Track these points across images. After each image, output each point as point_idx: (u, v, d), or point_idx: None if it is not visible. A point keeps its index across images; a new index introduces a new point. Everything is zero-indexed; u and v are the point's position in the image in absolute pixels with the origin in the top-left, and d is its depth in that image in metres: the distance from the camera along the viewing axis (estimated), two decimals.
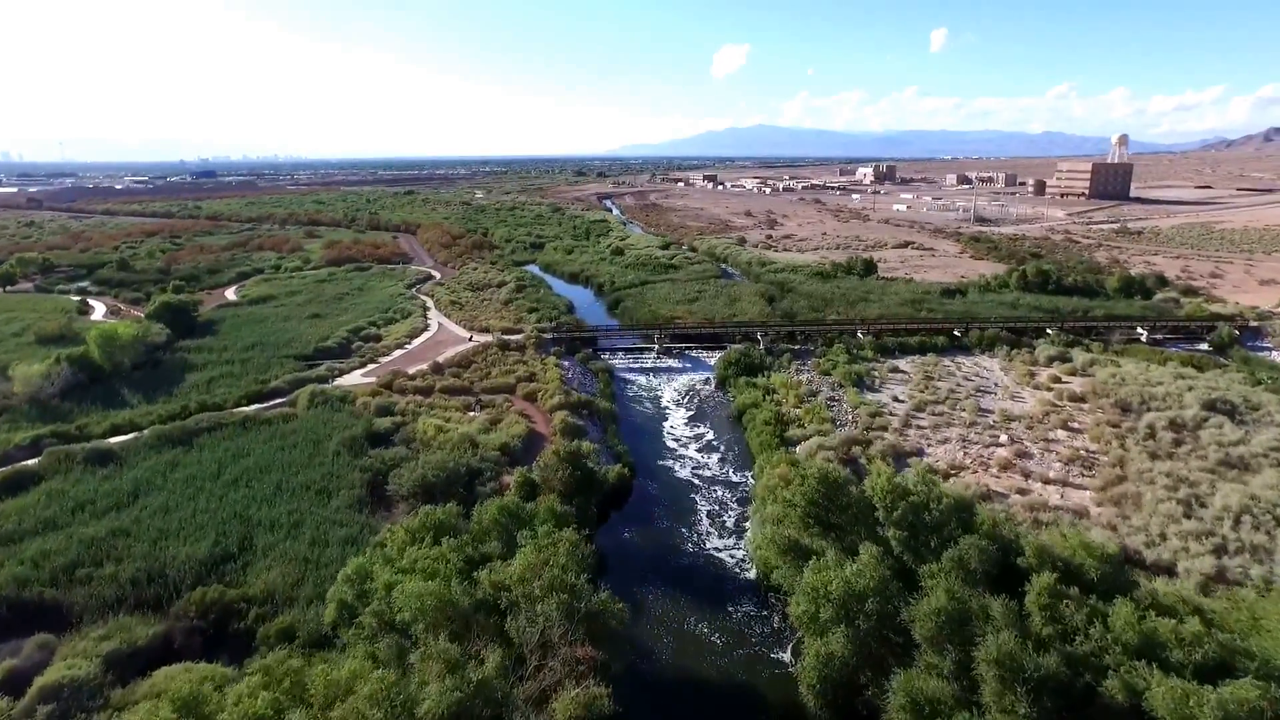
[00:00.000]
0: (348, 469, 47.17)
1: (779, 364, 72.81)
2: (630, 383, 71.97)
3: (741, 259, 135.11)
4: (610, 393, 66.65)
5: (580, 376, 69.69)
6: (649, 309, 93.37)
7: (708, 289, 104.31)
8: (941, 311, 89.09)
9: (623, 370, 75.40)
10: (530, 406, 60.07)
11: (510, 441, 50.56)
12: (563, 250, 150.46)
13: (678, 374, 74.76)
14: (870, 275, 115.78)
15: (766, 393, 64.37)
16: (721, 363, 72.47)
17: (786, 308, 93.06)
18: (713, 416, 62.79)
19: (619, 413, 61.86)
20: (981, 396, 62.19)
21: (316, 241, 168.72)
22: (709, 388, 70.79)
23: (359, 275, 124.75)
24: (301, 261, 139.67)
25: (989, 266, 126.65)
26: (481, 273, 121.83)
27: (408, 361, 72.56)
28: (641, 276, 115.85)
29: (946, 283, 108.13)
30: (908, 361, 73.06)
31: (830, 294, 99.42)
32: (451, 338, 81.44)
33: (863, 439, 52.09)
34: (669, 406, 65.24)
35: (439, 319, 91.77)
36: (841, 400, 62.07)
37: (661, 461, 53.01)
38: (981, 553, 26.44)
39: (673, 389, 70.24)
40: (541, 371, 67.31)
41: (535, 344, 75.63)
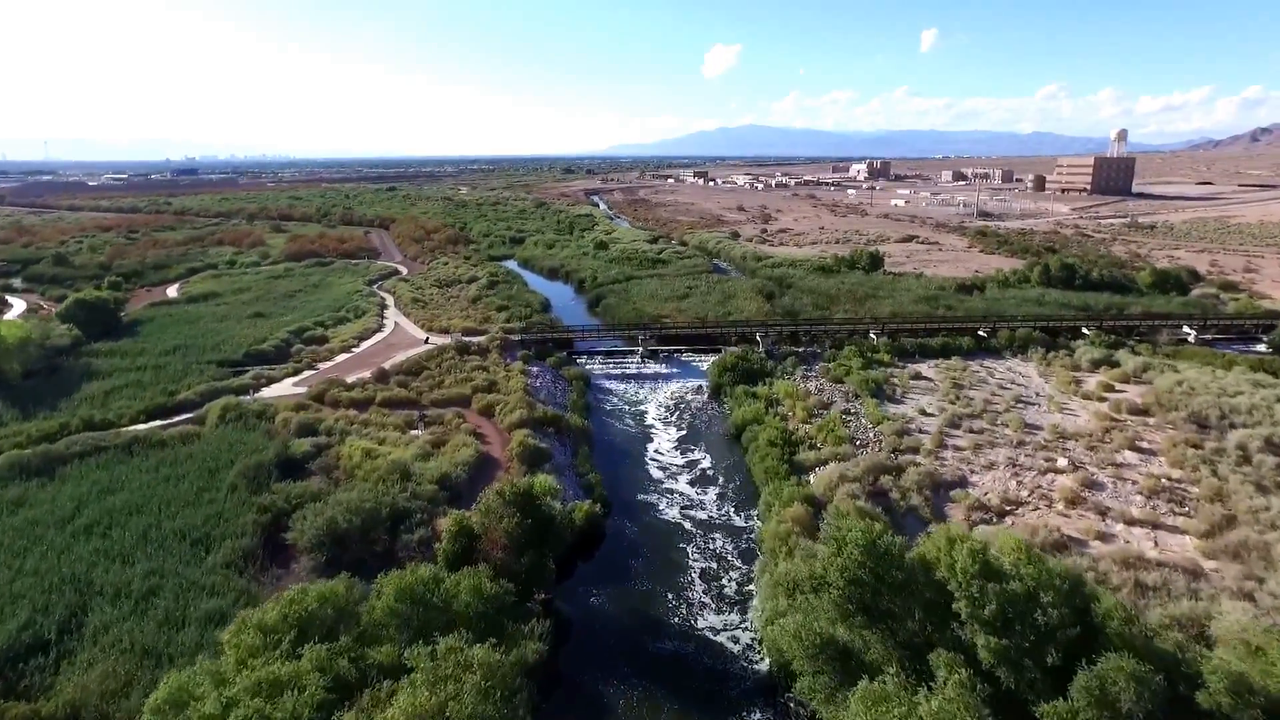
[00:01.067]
0: (242, 508, 36.91)
1: (782, 369, 62.95)
2: (610, 392, 61.91)
3: (735, 253, 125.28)
4: (584, 405, 56.54)
5: (550, 385, 59.57)
6: (633, 307, 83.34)
7: (699, 285, 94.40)
8: (961, 309, 79.53)
9: (601, 377, 65.34)
10: (486, 423, 49.94)
11: (453, 470, 40.38)
12: (543, 245, 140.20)
13: (665, 381, 64.79)
14: (877, 270, 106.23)
15: (769, 404, 54.49)
16: (716, 368, 62.57)
17: (788, 305, 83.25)
18: (706, 434, 52.79)
19: (594, 430, 51.76)
20: (1024, 409, 52.48)
21: (282, 236, 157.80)
22: (701, 397, 60.84)
23: (318, 271, 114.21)
24: (260, 257, 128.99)
25: (1002, 261, 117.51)
26: (452, 268, 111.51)
27: (351, 367, 62.28)
28: (626, 271, 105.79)
29: (961, 278, 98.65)
30: (930, 366, 63.35)
31: (835, 290, 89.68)
32: (406, 339, 71.19)
33: (891, 465, 42.18)
34: (654, 422, 55.12)
35: (397, 318, 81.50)
36: (859, 414, 52.22)
37: (644, 495, 42.90)
38: (1139, 685, 16.58)
39: (659, 399, 60.24)
40: (504, 380, 57.20)
41: (500, 347, 65.48)
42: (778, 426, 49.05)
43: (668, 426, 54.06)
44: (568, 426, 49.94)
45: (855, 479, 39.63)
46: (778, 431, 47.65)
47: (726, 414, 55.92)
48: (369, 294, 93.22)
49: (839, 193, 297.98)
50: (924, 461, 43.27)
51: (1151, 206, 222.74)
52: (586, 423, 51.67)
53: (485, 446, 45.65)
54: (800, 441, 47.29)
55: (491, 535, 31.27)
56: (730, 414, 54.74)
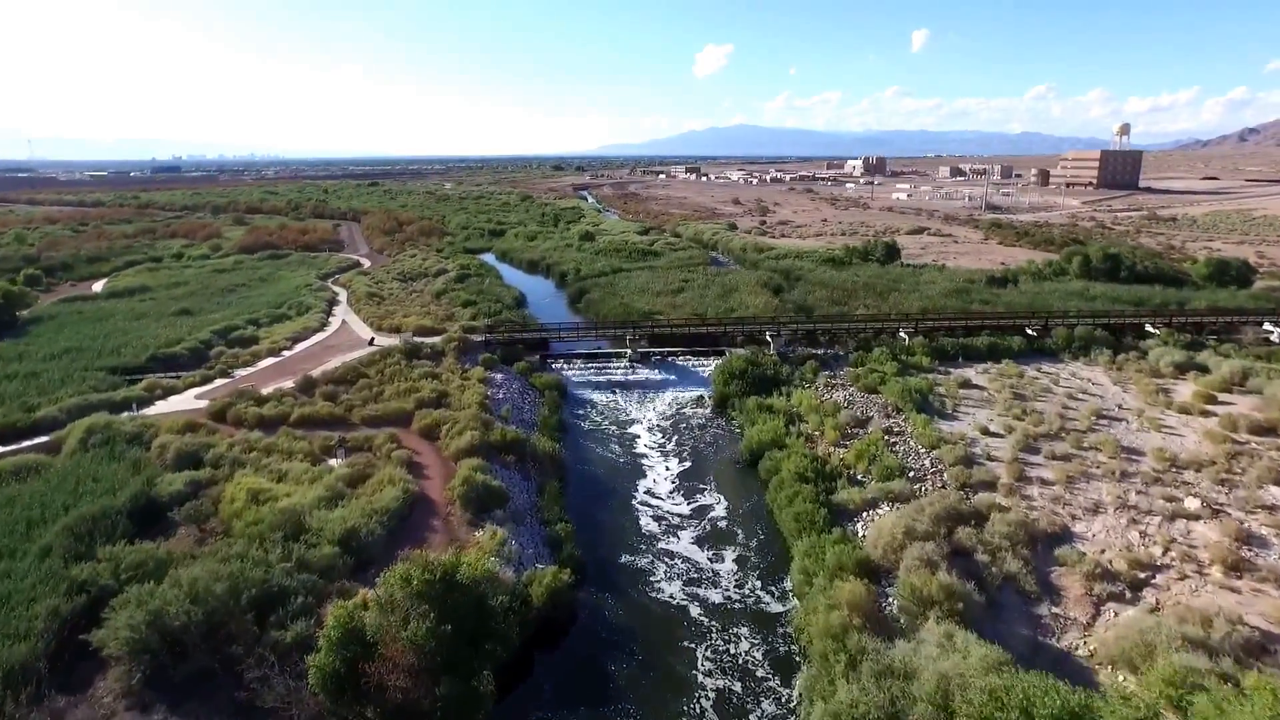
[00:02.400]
0: (46, 587, 25.50)
1: (800, 376, 51.95)
2: (591, 405, 50.70)
3: (734, 244, 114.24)
4: (558, 423, 45.27)
5: (516, 396, 48.29)
6: (620, 302, 72.10)
7: (695, 278, 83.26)
8: (999, 303, 68.74)
9: (581, 385, 54.16)
10: (427, 448, 38.65)
11: (365, 524, 28.99)
12: (524, 236, 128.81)
13: (659, 390, 53.68)
14: (893, 261, 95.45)
15: (790, 421, 43.47)
16: (720, 374, 51.51)
17: (799, 300, 72.23)
18: (713, 461, 41.57)
19: (568, 458, 40.43)
20: (1110, 426, 41.65)
21: (241, 229, 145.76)
22: (703, 411, 49.74)
23: (270, 264, 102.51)
24: (210, 249, 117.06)
25: (1025, 253, 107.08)
26: (419, 260, 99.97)
27: (274, 375, 50.83)
28: (614, 264, 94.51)
29: (988, 270, 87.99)
30: (978, 371, 52.49)
31: (851, 283, 78.72)
32: (349, 340, 59.76)
33: (967, 509, 31.16)
34: (646, 446, 43.70)
35: (345, 315, 70.03)
36: (906, 434, 41.23)
37: (632, 556, 31.48)
38: None
39: (652, 414, 49.08)
40: (458, 390, 45.89)
41: (458, 349, 54.13)
42: (804, 452, 37.96)
43: (663, 451, 42.74)
44: (533, 453, 38.66)
45: (925, 534, 28.50)
46: (806, 459, 36.52)
47: (737, 433, 44.85)
48: (319, 288, 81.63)
49: (837, 187, 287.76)
50: (1005, 501, 32.27)
51: (1164, 200, 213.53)
52: (559, 447, 40.29)
53: (422, 482, 34.35)
54: (836, 473, 36.23)
55: (390, 647, 19.99)
56: (742, 435, 43.67)
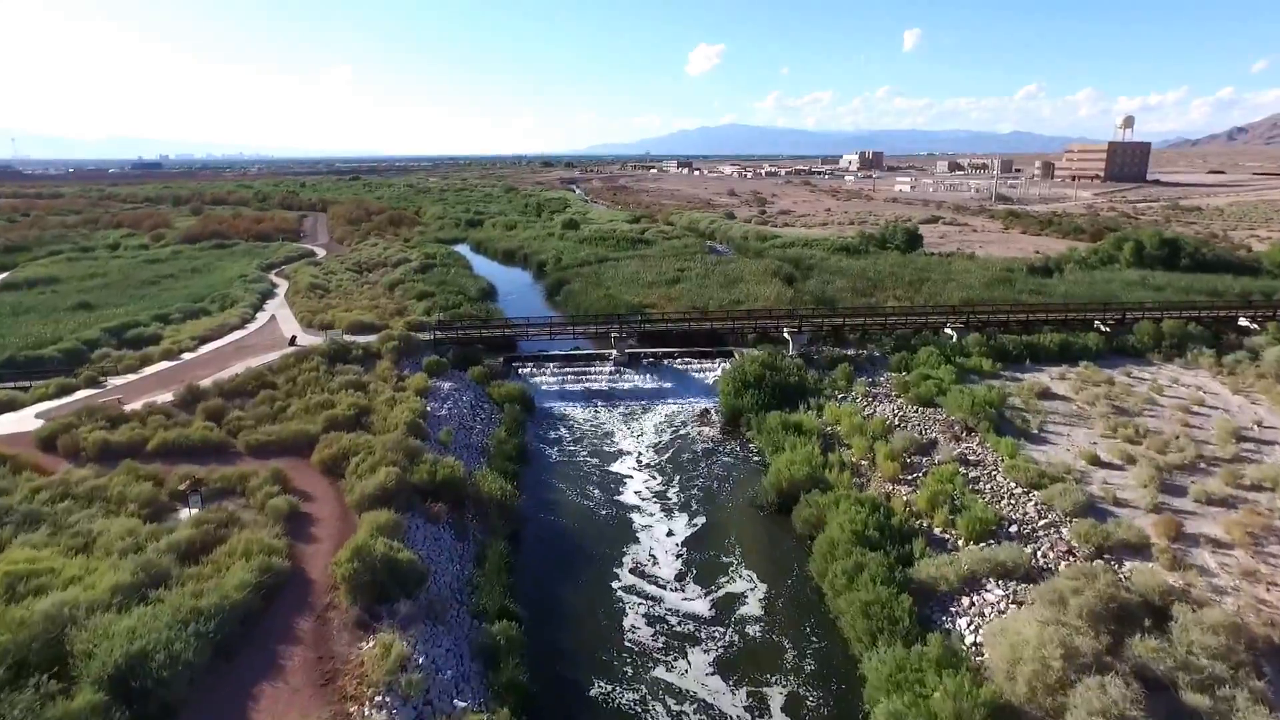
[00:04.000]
0: None
1: (831, 383, 41.05)
2: (564, 423, 39.52)
3: (734, 233, 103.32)
4: (517, 450, 33.98)
5: (466, 413, 37.08)
6: (605, 293, 60.89)
7: (693, 266, 72.20)
8: (1054, 294, 58.07)
9: (554, 396, 43.05)
10: (326, 489, 27.44)
11: (168, 642, 17.59)
12: (502, 226, 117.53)
13: (651, 402, 42.63)
14: (915, 249, 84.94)
15: (826, 445, 32.59)
16: (730, 381, 40.47)
17: (817, 291, 61.29)
18: (728, 507, 30.34)
19: (526, 506, 29.06)
20: (1260, 451, 30.94)
21: (195, 219, 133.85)
22: (710, 430, 38.66)
23: (212, 253, 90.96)
24: (151, 239, 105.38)
25: (1056, 242, 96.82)
26: (380, 250, 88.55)
27: (158, 384, 39.42)
28: (600, 253, 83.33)
29: (1023, 259, 77.50)
30: (1054, 376, 41.73)
31: (874, 273, 67.91)
32: (269, 340, 48.38)
33: (1133, 600, 20.14)
34: (636, 487, 32.21)
35: (278, 310, 58.68)
36: (987, 464, 30.38)
37: (610, 688, 19.77)
38: None
39: (643, 435, 37.97)
40: (386, 405, 34.69)
41: (398, 350, 42.82)
42: (855, 495, 26.98)
43: (658, 494, 31.43)
44: (476, 498, 27.50)
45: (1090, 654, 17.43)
46: (860, 508, 25.50)
47: (756, 462, 33.83)
48: (256, 280, 70.11)
49: (835, 180, 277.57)
50: (1178, 580, 21.35)
51: (1177, 192, 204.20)
52: (514, 490, 28.95)
53: (302, 550, 23.17)
54: (906, 527, 25.27)
55: None
56: (764, 465, 32.66)
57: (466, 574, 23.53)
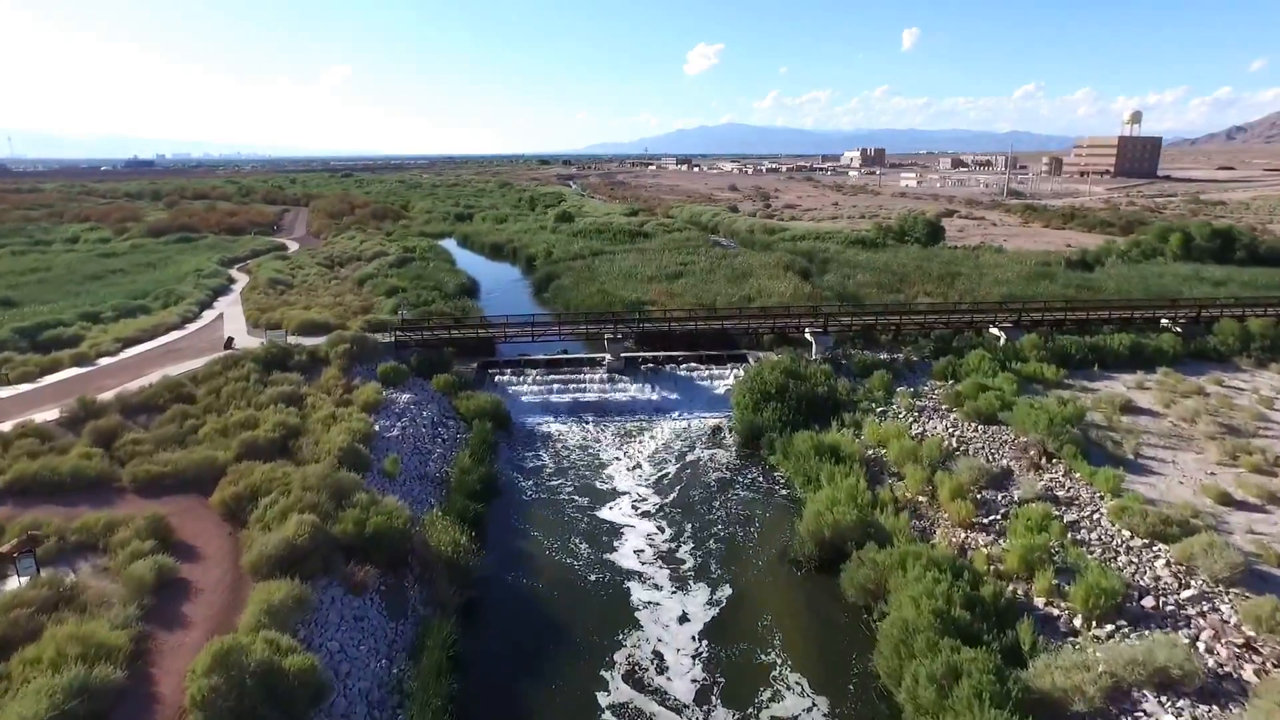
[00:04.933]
0: None
1: (868, 393, 34.31)
2: (548, 444, 32.63)
3: (738, 226, 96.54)
4: (482, 483, 27.06)
5: (425, 433, 30.23)
6: (599, 289, 54.02)
7: (697, 260, 65.41)
8: (1105, 289, 51.35)
9: (534, 409, 36.25)
10: (221, 542, 20.60)
11: None
12: (492, 220, 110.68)
13: (652, 417, 35.83)
14: (936, 242, 78.40)
15: (872, 475, 25.87)
16: (746, 391, 33.65)
17: (836, 286, 54.53)
18: (755, 563, 23.33)
19: (489, 564, 22.18)
20: None
21: (167, 213, 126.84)
22: (724, 454, 31.83)
23: (175, 247, 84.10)
24: (114, 232, 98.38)
25: (1083, 236, 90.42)
26: (356, 243, 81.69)
27: (53, 395, 32.46)
28: (594, 247, 76.49)
29: (1052, 252, 70.89)
30: (1129, 384, 35.02)
31: (897, 267, 61.17)
32: (207, 342, 41.48)
33: None
34: (636, 551, 24.66)
35: (229, 307, 51.88)
36: (1083, 503, 23.69)
37: None
38: None
39: (642, 460, 31.10)
40: (323, 424, 27.88)
41: (350, 354, 35.96)
42: (926, 555, 20.17)
43: (666, 553, 24.41)
44: (424, 555, 20.71)
45: None
46: (938, 576, 18.69)
47: (783, 496, 27.03)
48: (212, 274, 63.19)
49: (838, 176, 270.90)
50: None
51: (1193, 188, 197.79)
52: (473, 543, 22.01)
53: (164, 639, 16.36)
54: (1004, 602, 18.50)
55: None
56: (794, 500, 25.88)
57: (395, 674, 16.73)
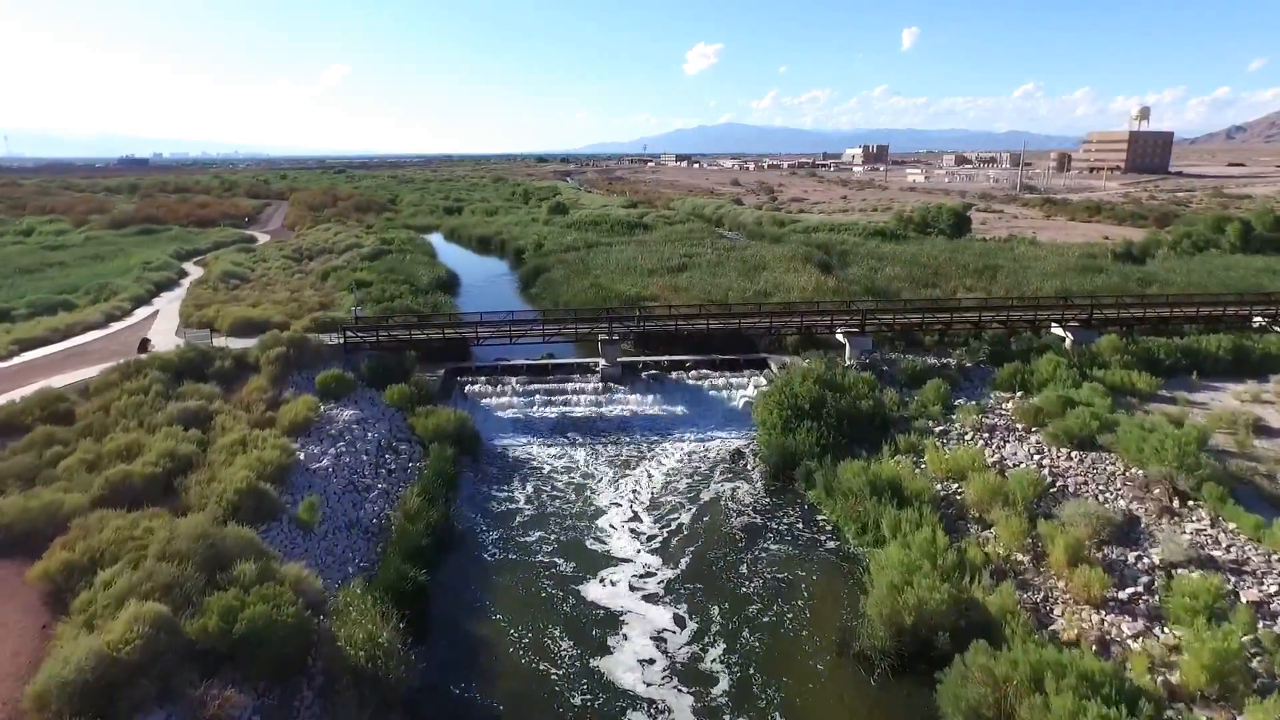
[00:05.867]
0: None
1: (920, 407, 27.73)
2: (524, 475, 25.94)
3: (744, 218, 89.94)
4: (436, 533, 20.47)
5: (366, 463, 23.55)
6: (593, 283, 47.35)
7: (702, 252, 58.83)
8: (1170, 283, 44.81)
9: (511, 427, 29.60)
10: (11, 646, 13.94)
11: None
12: (482, 212, 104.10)
13: (655, 436, 29.19)
14: (962, 234, 72.14)
15: (947, 520, 19.20)
16: (773, 407, 26.94)
17: (863, 280, 47.93)
18: (818, 670, 16.72)
19: (430, 671, 15.50)
20: None
21: (133, 204, 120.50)
22: (747, 486, 25.15)
23: (133, 239, 77.60)
24: (74, 224, 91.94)
25: (1115, 229, 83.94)
26: (330, 235, 75.06)
27: None
28: (590, 239, 69.86)
29: (1093, 244, 64.49)
30: (1244, 397, 28.45)
31: (927, 259, 54.61)
32: (125, 345, 34.84)
33: None
34: (639, 656, 17.56)
35: (169, 304, 45.33)
36: (1247, 561, 17.03)
37: None
38: None
39: (646, 501, 24.41)
40: (225, 454, 21.26)
41: (285, 359, 29.25)
42: (1077, 667, 13.54)
43: (687, 664, 17.65)
44: (329, 662, 14.09)
45: None
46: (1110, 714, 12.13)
47: (831, 549, 20.36)
48: (162, 267, 56.65)
49: (842, 172, 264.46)
50: None
51: (1209, 182, 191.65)
52: (401, 638, 15.37)
53: None
54: None
55: None
56: (851, 562, 19.20)
57: None
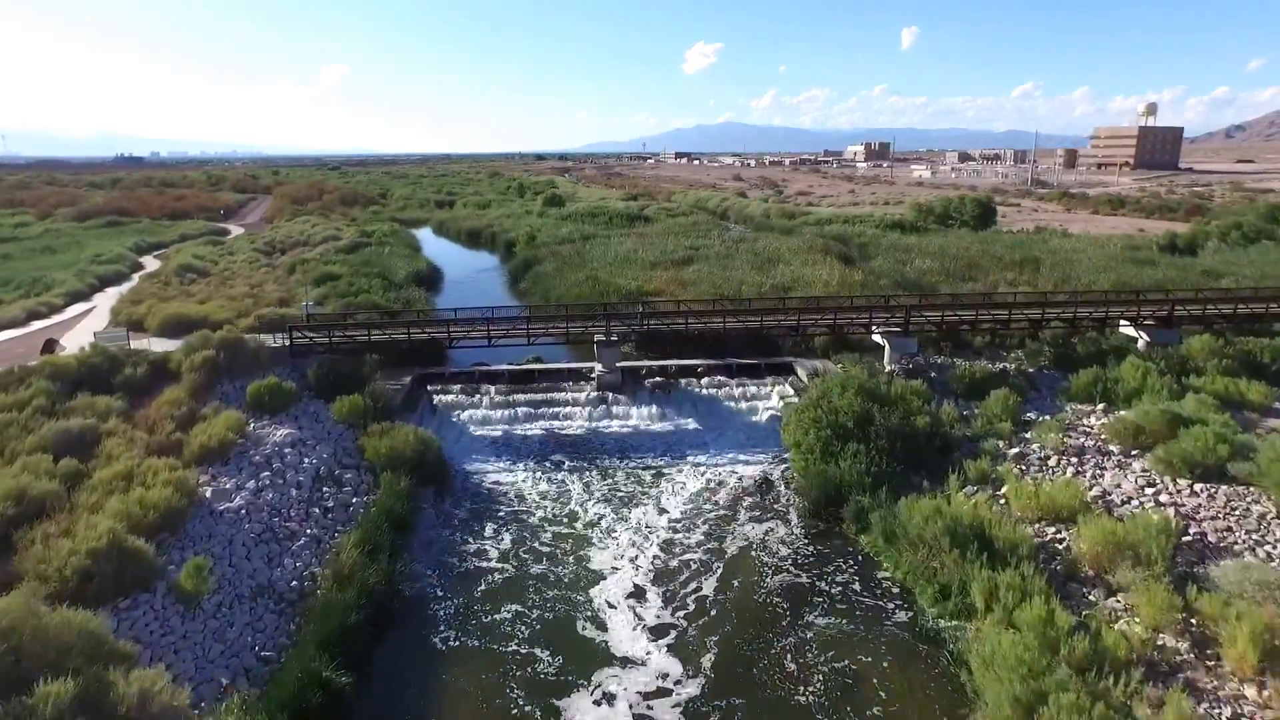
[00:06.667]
0: None
1: (985, 423, 22.52)
2: (502, 517, 20.67)
3: (751, 211, 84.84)
4: (372, 607, 15.23)
5: (300, 493, 18.33)
6: (589, 276, 42.10)
7: (709, 244, 53.66)
8: (1244, 276, 39.69)
9: (487, 449, 24.39)
10: None
11: None
12: (475, 205, 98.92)
13: (663, 460, 23.98)
14: (987, 225, 67.37)
15: (1057, 583, 13.94)
16: (808, 426, 21.70)
17: (892, 273, 42.74)
18: None
19: None
20: None
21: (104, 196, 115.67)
22: (781, 527, 19.89)
23: (94, 232, 72.58)
24: (38, 216, 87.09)
25: (1144, 222, 79.48)
26: (307, 227, 69.92)
27: None
28: (586, 231, 64.70)
29: (1133, 236, 59.62)
30: None
31: (958, 250, 49.47)
32: (27, 349, 29.61)
33: None
34: None
35: (111, 300, 40.23)
36: None
37: None
38: None
39: (655, 560, 19.18)
40: (103, 490, 16.05)
41: (216, 365, 24.06)
42: None
43: None
44: None
45: None
46: None
47: (901, 620, 15.12)
48: (114, 260, 51.56)
49: (846, 168, 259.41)
50: None
51: (1224, 179, 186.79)
52: None
53: None
54: None
55: None
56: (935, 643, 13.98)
57: None
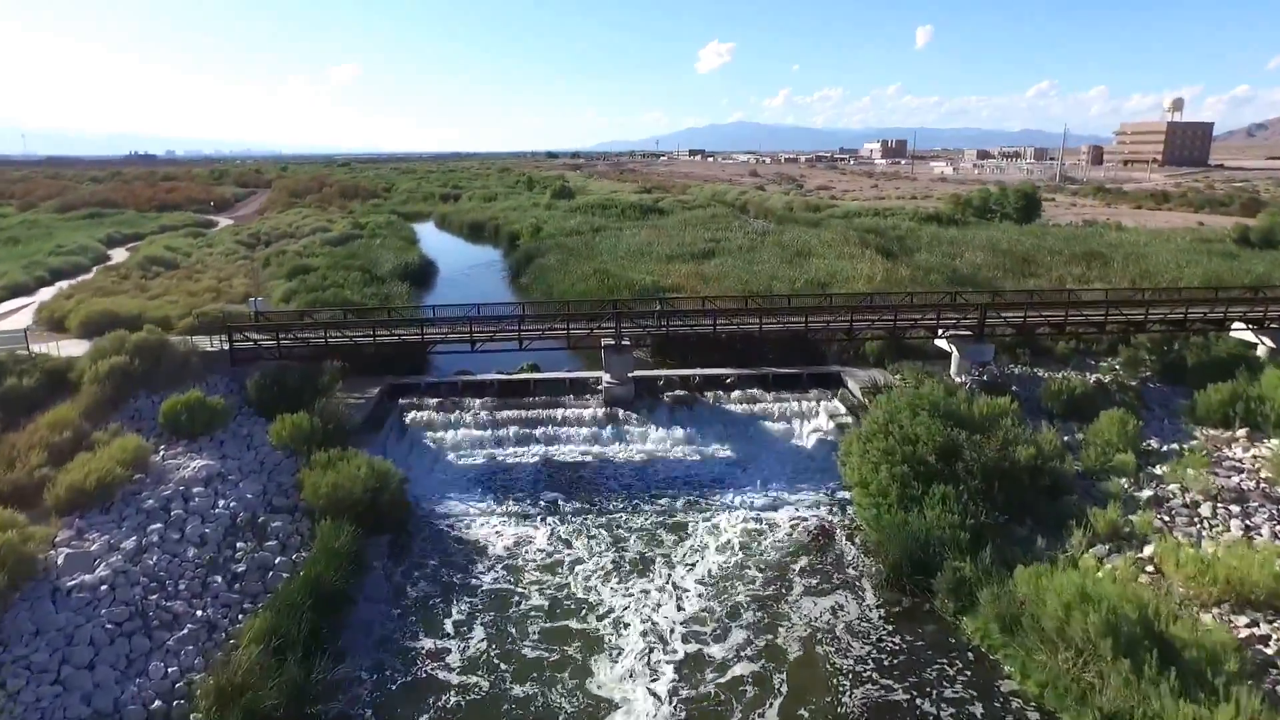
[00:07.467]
0: None
1: (1098, 453, 17.32)
2: (484, 593, 15.79)
3: (772, 204, 79.48)
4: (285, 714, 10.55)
5: (196, 559, 13.35)
6: (597, 268, 37.05)
7: (730, 236, 48.58)
8: None
9: (465, 483, 19.45)
10: None
11: None
12: (480, 199, 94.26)
13: (686, 496, 18.95)
14: (1032, 218, 62.00)
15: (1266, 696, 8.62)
16: (879, 461, 16.57)
17: (941, 268, 37.53)
18: None
19: None
20: None
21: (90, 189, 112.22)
22: (851, 603, 14.71)
23: (71, 223, 68.36)
24: (21, 208, 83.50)
25: (1198, 215, 73.93)
26: (299, 218, 65.44)
27: None
28: (596, 223, 59.73)
29: (1199, 230, 54.20)
30: None
31: (1009, 244, 44.19)
32: None
33: None
34: None
35: (52, 294, 35.74)
36: None
37: None
38: None
39: (683, 655, 14.22)
40: None
41: (122, 375, 19.29)
42: None
43: None
44: None
45: None
46: None
47: None
48: (75, 251, 47.31)
49: (863, 166, 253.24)
50: None
51: (1258, 174, 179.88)
52: None
53: None
54: None
55: None
56: None
57: None
